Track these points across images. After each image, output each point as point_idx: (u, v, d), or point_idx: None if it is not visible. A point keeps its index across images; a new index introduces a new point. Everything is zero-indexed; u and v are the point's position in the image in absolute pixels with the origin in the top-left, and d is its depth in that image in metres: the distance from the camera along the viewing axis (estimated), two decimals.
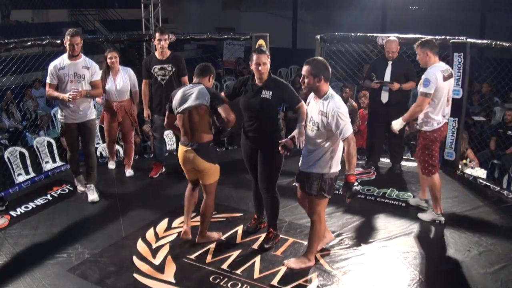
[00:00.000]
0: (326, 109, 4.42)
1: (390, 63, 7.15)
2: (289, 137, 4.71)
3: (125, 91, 7.25)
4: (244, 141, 5.34)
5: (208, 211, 5.28)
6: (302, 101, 5.03)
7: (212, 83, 5.30)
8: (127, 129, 7.48)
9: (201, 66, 5.18)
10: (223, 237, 5.49)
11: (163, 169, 7.55)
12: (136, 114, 7.57)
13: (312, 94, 4.70)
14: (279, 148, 4.68)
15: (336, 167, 4.63)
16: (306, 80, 4.49)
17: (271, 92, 5.02)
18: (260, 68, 4.99)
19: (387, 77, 7.09)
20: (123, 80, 7.20)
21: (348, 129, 4.38)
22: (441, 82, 5.52)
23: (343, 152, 4.52)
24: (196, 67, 5.19)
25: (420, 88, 5.61)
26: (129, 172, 7.52)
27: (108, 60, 7.11)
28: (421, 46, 5.67)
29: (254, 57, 5.02)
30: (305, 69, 4.50)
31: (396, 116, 5.94)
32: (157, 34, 6.96)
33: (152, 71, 6.99)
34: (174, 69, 6.96)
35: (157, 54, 7.06)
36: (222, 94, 5.35)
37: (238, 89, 5.25)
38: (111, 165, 7.79)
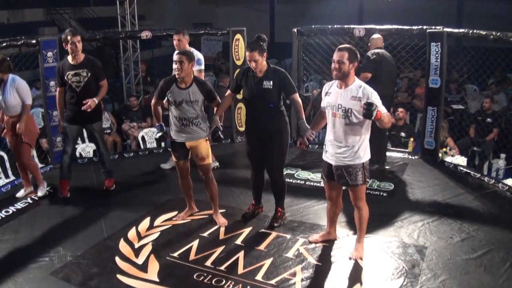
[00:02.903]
0: (361, 94, 4.49)
1: None
2: (299, 138, 5.00)
3: (13, 105, 6.23)
4: (250, 131, 5.53)
5: None
6: (297, 93, 5.28)
7: None
8: (18, 146, 6.44)
9: None
10: (205, 234, 5.49)
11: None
12: (35, 132, 6.59)
13: (328, 85, 4.82)
14: (299, 146, 5.02)
15: (369, 153, 4.74)
16: (341, 65, 4.52)
17: (271, 82, 5.21)
18: (253, 64, 5.18)
19: None
20: (9, 92, 6.20)
21: (382, 109, 4.47)
22: None
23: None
24: None
25: (196, 67, 6.26)
26: (21, 193, 6.62)
27: None
28: (183, 35, 6.72)
29: (246, 54, 5.23)
30: (340, 54, 4.53)
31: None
32: (68, 37, 6.16)
33: (65, 78, 6.26)
34: (89, 74, 6.30)
35: (69, 58, 6.30)
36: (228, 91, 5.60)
37: (240, 81, 5.42)
38: (20, 193, 6.65)
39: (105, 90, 6.52)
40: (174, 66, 5.24)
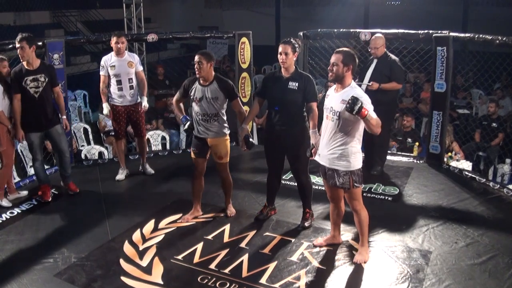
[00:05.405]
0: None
1: (375, 61, 7.04)
2: (311, 147, 5.11)
3: None
4: (270, 132, 5.56)
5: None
6: (316, 103, 5.30)
7: None
8: None
9: None
10: (210, 237, 5.49)
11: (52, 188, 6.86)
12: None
13: (331, 88, 4.82)
14: (308, 156, 5.19)
15: (360, 160, 4.71)
16: (335, 68, 4.56)
17: (297, 83, 5.30)
18: (282, 57, 5.27)
19: (368, 75, 6.95)
20: None
21: (372, 113, 4.42)
22: None
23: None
24: None
25: (139, 68, 7.19)
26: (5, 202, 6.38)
27: None
28: (125, 38, 6.96)
29: (280, 46, 5.32)
30: (336, 57, 4.58)
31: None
32: (16, 42, 6.07)
33: (23, 83, 6.10)
34: (47, 79, 6.24)
35: (25, 64, 6.14)
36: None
37: (265, 84, 5.53)
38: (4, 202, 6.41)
39: (62, 99, 6.68)
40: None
